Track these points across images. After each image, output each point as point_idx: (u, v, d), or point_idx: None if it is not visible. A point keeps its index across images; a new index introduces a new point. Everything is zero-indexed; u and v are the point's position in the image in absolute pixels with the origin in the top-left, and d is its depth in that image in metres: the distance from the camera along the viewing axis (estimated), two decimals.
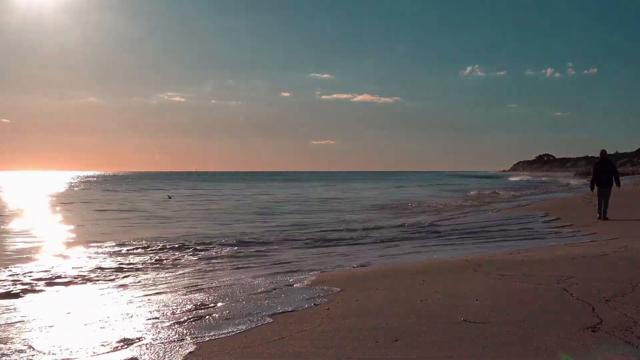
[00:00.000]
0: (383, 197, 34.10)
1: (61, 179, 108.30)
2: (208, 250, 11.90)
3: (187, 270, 9.67)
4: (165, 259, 10.67)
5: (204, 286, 7.85)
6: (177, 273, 9.43)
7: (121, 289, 7.63)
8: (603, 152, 14.78)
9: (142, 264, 10.06)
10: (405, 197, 33.55)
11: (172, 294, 7.20)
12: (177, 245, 12.21)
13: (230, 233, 14.65)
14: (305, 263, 9.52)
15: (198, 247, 12.00)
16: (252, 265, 10.01)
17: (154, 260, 10.47)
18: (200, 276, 9.08)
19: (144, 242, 12.74)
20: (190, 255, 11.30)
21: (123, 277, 8.72)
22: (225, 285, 7.59)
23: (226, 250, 11.92)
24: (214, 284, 8.08)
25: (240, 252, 11.67)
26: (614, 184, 13.97)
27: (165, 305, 5.93)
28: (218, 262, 10.43)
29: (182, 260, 10.74)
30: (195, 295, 6.68)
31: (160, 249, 11.79)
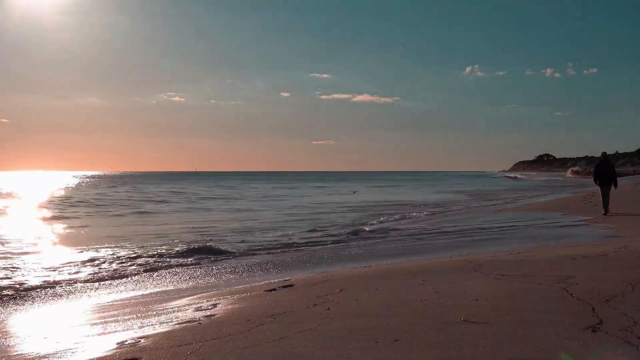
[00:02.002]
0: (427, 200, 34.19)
1: (66, 178, 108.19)
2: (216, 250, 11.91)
3: (191, 270, 9.68)
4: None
5: (204, 286, 7.85)
6: (187, 272, 9.44)
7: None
8: (604, 154, 16.36)
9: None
10: (441, 199, 33.56)
11: (175, 294, 7.21)
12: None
13: None
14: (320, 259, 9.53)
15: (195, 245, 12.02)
16: (256, 264, 10.02)
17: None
18: (201, 276, 9.09)
19: None
20: (199, 257, 11.30)
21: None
22: (225, 285, 7.59)
23: (237, 248, 11.93)
24: (214, 284, 8.09)
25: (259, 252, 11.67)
26: (614, 184, 15.30)
27: (166, 305, 5.93)
28: (222, 262, 10.44)
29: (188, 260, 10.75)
30: (196, 295, 6.69)
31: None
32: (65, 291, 8.10)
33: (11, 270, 9.50)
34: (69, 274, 9.32)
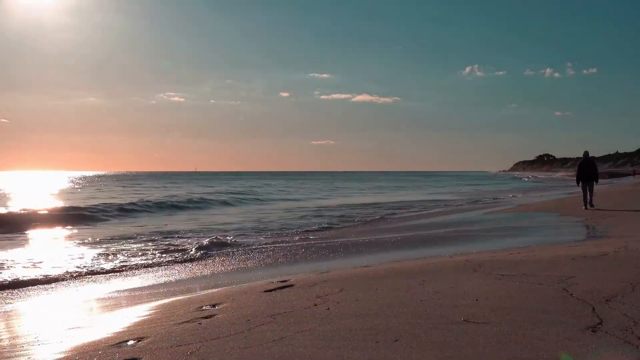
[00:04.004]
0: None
1: (66, 178, 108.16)
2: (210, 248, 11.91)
3: (188, 267, 9.67)
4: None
5: (203, 286, 7.85)
6: (181, 269, 9.43)
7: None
8: (586, 153, 17.73)
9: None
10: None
11: (175, 293, 7.21)
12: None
13: None
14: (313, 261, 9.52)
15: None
16: (255, 262, 10.01)
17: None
18: (199, 276, 9.08)
19: None
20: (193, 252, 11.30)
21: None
22: (224, 285, 7.59)
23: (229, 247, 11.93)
24: (213, 284, 8.08)
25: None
26: (595, 180, 17.08)
27: (167, 304, 5.93)
28: (219, 260, 10.44)
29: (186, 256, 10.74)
30: (195, 294, 6.69)
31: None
32: (61, 287, 8.10)
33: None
34: (67, 269, 9.32)
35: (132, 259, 10.92)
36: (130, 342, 4.11)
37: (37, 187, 60.09)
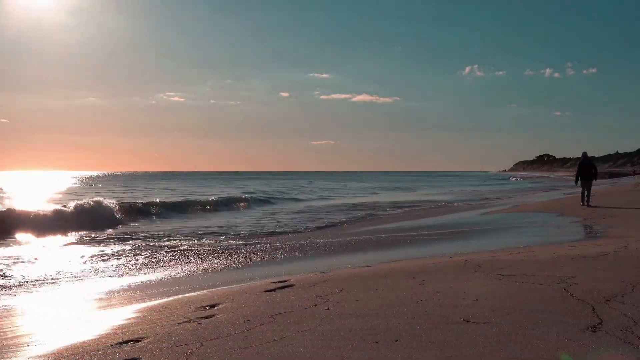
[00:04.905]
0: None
1: (66, 179, 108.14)
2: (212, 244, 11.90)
3: (186, 266, 9.67)
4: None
5: (202, 286, 7.85)
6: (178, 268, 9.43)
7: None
8: (585, 153, 18.46)
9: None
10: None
11: (175, 293, 7.21)
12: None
13: None
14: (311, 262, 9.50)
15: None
16: (254, 262, 10.01)
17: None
18: (198, 275, 9.09)
19: None
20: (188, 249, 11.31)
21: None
22: (224, 285, 7.59)
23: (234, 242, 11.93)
24: (213, 283, 8.08)
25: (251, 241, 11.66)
26: (594, 178, 17.92)
27: (167, 305, 5.93)
28: (218, 258, 10.44)
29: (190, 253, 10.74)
30: (195, 294, 6.69)
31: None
32: (61, 286, 8.10)
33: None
34: (66, 269, 9.32)
35: (133, 259, 10.94)
36: (130, 342, 4.11)
37: (40, 187, 60.06)
